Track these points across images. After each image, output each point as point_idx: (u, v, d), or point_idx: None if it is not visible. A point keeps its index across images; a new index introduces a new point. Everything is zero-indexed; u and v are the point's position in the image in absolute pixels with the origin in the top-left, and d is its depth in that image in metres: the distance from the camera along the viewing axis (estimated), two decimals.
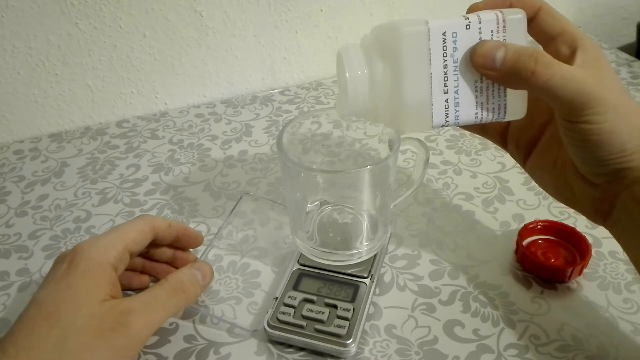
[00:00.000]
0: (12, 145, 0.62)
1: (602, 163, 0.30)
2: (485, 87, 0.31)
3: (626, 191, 0.31)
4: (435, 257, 0.44)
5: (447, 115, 0.31)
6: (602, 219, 0.34)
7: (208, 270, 0.38)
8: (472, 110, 0.31)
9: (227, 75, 0.69)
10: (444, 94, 0.30)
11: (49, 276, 0.34)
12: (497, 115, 0.31)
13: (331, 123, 0.42)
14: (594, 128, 0.29)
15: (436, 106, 0.30)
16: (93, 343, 0.30)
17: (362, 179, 0.38)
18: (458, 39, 0.30)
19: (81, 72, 0.62)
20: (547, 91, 0.29)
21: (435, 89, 0.30)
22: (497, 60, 0.29)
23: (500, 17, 0.30)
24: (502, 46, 0.29)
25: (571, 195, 0.35)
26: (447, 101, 0.30)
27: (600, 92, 0.29)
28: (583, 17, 0.83)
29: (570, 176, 0.34)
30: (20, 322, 0.31)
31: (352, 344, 0.36)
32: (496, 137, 0.39)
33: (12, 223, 0.50)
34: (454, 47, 0.30)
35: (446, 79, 0.30)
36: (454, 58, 0.30)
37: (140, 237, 0.37)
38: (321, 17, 0.68)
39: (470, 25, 0.30)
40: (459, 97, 0.30)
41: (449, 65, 0.30)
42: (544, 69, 0.28)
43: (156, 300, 0.34)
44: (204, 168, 0.56)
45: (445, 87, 0.30)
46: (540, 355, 0.36)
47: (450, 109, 0.31)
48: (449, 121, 0.31)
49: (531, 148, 0.37)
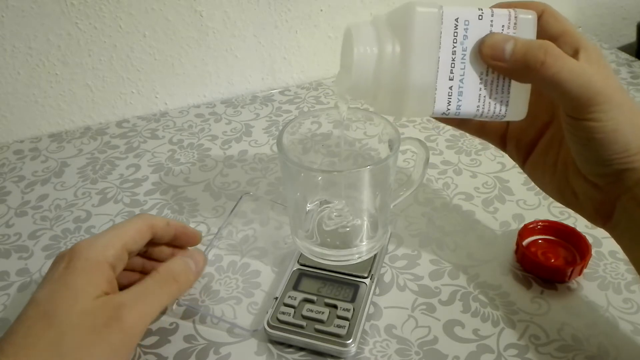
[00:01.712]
0: (12, 145, 0.62)
1: (605, 163, 0.30)
2: (490, 80, 0.31)
3: (628, 193, 0.31)
4: (435, 257, 0.44)
5: (450, 102, 0.30)
6: (603, 221, 0.34)
7: (200, 257, 0.38)
8: (475, 102, 0.31)
9: (227, 75, 0.69)
10: (449, 81, 0.30)
11: (47, 276, 0.34)
12: (498, 112, 0.31)
13: (331, 123, 0.42)
14: (598, 126, 0.29)
15: (440, 91, 0.30)
16: (88, 340, 0.31)
17: (362, 179, 0.38)
18: (470, 27, 0.30)
19: (81, 72, 0.62)
20: (556, 84, 0.28)
21: (442, 73, 0.30)
22: (507, 51, 0.29)
23: (513, 15, 0.31)
24: (511, 39, 0.29)
25: (572, 197, 0.34)
26: (451, 88, 0.30)
27: (607, 89, 0.29)
28: (583, 17, 0.83)
29: (571, 177, 0.34)
30: (19, 321, 0.32)
31: (352, 344, 0.36)
32: (495, 138, 0.39)
33: (12, 223, 0.50)
34: (464, 35, 0.30)
35: (453, 65, 0.30)
36: (463, 46, 0.30)
37: (138, 236, 0.37)
38: (321, 17, 0.68)
39: (482, 17, 0.30)
40: (463, 86, 0.30)
41: (458, 53, 0.30)
42: (553, 61, 0.28)
43: (147, 291, 0.34)
44: (204, 168, 0.56)
45: (452, 73, 0.30)
46: (540, 355, 0.36)
47: (453, 96, 0.30)
48: (450, 109, 0.31)
49: (531, 149, 0.37)
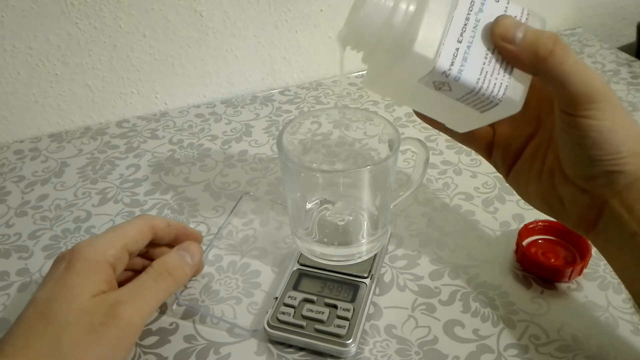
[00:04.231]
0: (12, 145, 0.62)
1: (596, 163, 0.30)
2: (495, 59, 0.31)
3: (617, 197, 0.31)
4: (435, 257, 0.44)
5: (453, 63, 0.30)
6: (588, 228, 0.33)
7: (196, 249, 0.38)
8: (476, 73, 0.31)
9: (227, 75, 0.69)
10: (458, 42, 0.30)
11: (48, 276, 0.34)
12: (495, 93, 0.31)
13: (331, 123, 0.42)
14: (594, 124, 0.29)
15: (446, 48, 0.30)
16: (86, 339, 0.31)
17: (362, 179, 0.38)
18: (486, 3, 0.30)
19: (81, 72, 0.62)
20: (560, 75, 0.29)
21: (452, 33, 0.30)
22: (518, 36, 0.29)
23: (525, 12, 0.31)
24: (524, 25, 0.30)
25: (557, 204, 0.34)
26: (457, 50, 0.30)
27: (606, 89, 0.29)
28: (583, 17, 0.83)
29: (557, 184, 0.33)
30: (18, 322, 0.32)
31: (352, 344, 0.36)
32: (481, 146, 0.38)
33: (12, 223, 0.50)
34: (480, 8, 0.30)
35: (464, 29, 0.30)
36: (477, 17, 0.30)
37: (139, 237, 0.37)
38: (321, 17, 0.68)
39: (500, 0, 0.31)
40: (469, 53, 0.30)
41: (471, 21, 0.30)
42: (562, 51, 0.29)
43: (143, 287, 0.34)
44: (204, 168, 0.56)
45: (461, 36, 0.30)
46: (540, 355, 0.36)
47: (457, 58, 0.30)
48: (452, 71, 0.30)
49: (516, 158, 0.37)
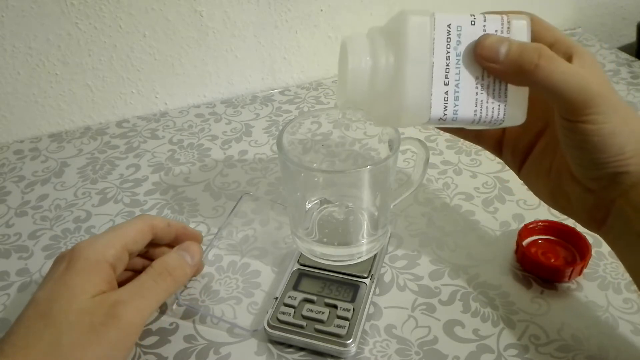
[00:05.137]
0: (12, 145, 0.62)
1: (600, 166, 0.30)
2: (486, 84, 0.31)
3: (623, 197, 0.31)
4: (435, 257, 0.44)
5: (446, 108, 0.30)
6: (597, 226, 0.33)
7: (196, 249, 0.38)
8: (472, 107, 0.31)
9: (227, 75, 0.69)
10: (445, 86, 0.30)
11: (48, 276, 0.34)
12: (496, 116, 0.31)
13: (331, 123, 0.42)
14: (594, 128, 0.29)
15: (435, 96, 0.30)
16: (86, 339, 0.31)
17: (362, 179, 0.38)
18: (462, 33, 0.30)
19: (81, 72, 0.62)
20: (549, 86, 0.28)
21: (436, 78, 0.30)
22: (501, 53, 0.29)
23: (505, 20, 0.30)
24: (506, 40, 0.29)
25: (566, 203, 0.34)
26: (447, 93, 0.30)
27: (603, 92, 0.29)
28: (583, 17, 0.83)
29: (565, 182, 0.33)
30: (18, 322, 0.32)
31: (352, 344, 0.36)
32: (491, 144, 0.38)
33: (12, 223, 0.50)
34: (457, 40, 0.30)
35: (448, 70, 0.30)
36: (457, 51, 0.30)
37: (139, 237, 0.37)
38: (321, 17, 0.68)
39: (475, 22, 0.30)
40: (459, 90, 0.30)
41: (452, 57, 0.30)
42: (547, 63, 0.28)
43: (143, 287, 0.34)
44: (204, 168, 0.56)
45: (447, 78, 0.30)
46: (540, 355, 0.36)
47: (449, 101, 0.30)
48: (447, 115, 0.31)
49: (526, 155, 0.37)
